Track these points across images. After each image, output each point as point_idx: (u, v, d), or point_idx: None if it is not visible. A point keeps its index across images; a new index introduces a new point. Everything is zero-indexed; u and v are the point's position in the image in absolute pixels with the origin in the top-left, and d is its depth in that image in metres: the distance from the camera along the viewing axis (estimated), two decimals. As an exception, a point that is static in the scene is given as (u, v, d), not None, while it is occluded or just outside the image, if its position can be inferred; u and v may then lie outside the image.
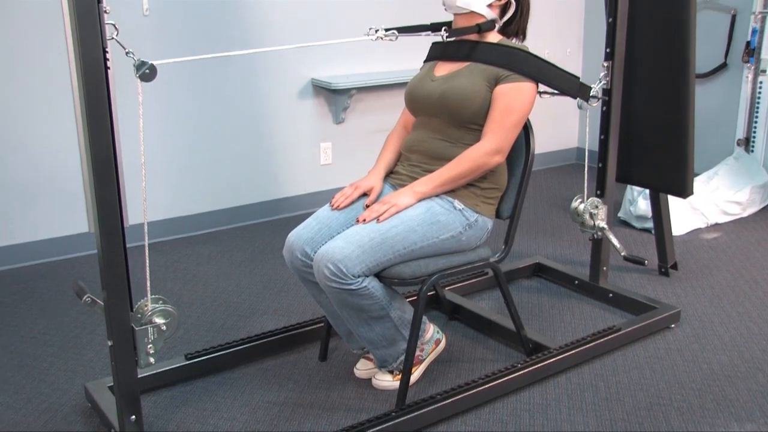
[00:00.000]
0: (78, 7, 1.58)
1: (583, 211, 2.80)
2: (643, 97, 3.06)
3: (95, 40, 1.61)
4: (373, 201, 2.31)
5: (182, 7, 3.67)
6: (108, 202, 1.71)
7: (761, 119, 4.35)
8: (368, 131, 4.36)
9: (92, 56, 1.62)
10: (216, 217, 4.02)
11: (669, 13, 2.90)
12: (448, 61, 2.39)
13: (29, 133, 3.43)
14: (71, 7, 1.59)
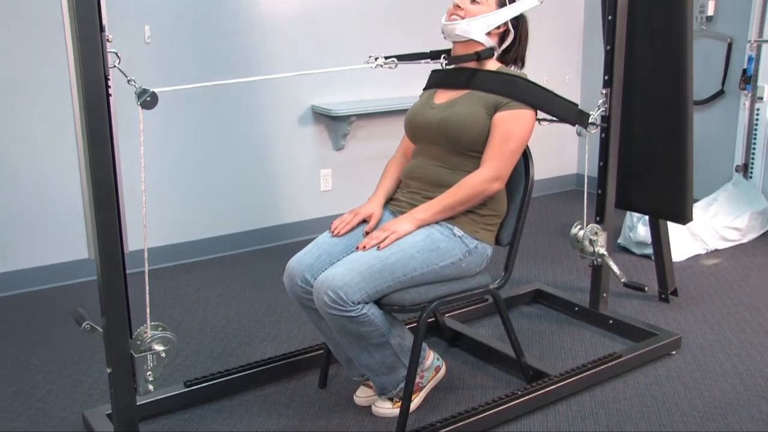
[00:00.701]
0: (81, 36, 1.60)
1: (582, 237, 2.80)
2: (642, 123, 3.08)
3: (97, 68, 1.63)
4: (373, 228, 2.31)
5: (183, 34, 3.70)
6: (108, 228, 1.71)
7: (759, 145, 4.37)
8: (368, 158, 4.37)
9: (94, 84, 1.63)
10: (216, 244, 4.02)
11: (666, 41, 2.92)
12: (447, 89, 2.41)
13: (30, 159, 3.44)
14: (74, 35, 1.61)
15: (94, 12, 1.60)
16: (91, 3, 1.60)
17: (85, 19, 1.59)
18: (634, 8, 2.86)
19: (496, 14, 2.32)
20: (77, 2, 1.58)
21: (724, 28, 4.45)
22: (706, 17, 4.47)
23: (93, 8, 1.60)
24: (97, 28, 1.61)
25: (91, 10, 1.60)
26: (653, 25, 2.94)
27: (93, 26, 1.61)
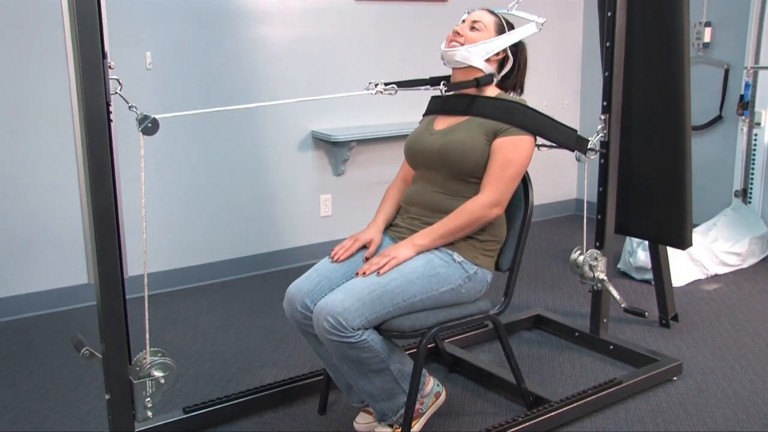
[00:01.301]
0: (84, 63, 1.61)
1: (582, 262, 2.80)
2: (641, 149, 3.09)
3: (99, 95, 1.64)
4: (373, 253, 2.31)
5: (184, 60, 3.73)
6: (108, 254, 1.71)
7: (757, 171, 4.39)
8: (368, 183, 4.38)
9: (96, 110, 1.64)
10: (216, 269, 4.02)
11: (664, 67, 2.94)
12: (447, 115, 2.42)
13: (30, 184, 3.45)
14: (77, 62, 1.62)
15: (96, 39, 1.62)
16: (94, 30, 1.61)
17: (87, 46, 1.61)
18: (632, 35, 2.89)
19: (495, 41, 2.34)
20: (80, 29, 1.60)
21: (720, 54, 4.49)
22: (703, 44, 4.50)
23: (95, 35, 1.62)
24: (99, 55, 1.63)
25: (93, 37, 1.61)
26: (651, 51, 2.96)
27: (95, 53, 1.62)
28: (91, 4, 1.61)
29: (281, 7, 3.97)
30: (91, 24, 1.61)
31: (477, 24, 2.36)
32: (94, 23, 1.61)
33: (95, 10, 1.62)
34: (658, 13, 2.89)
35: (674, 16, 2.85)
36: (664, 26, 2.90)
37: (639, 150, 3.09)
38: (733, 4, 4.38)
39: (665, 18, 2.88)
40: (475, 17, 2.38)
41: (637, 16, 2.88)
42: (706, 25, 4.48)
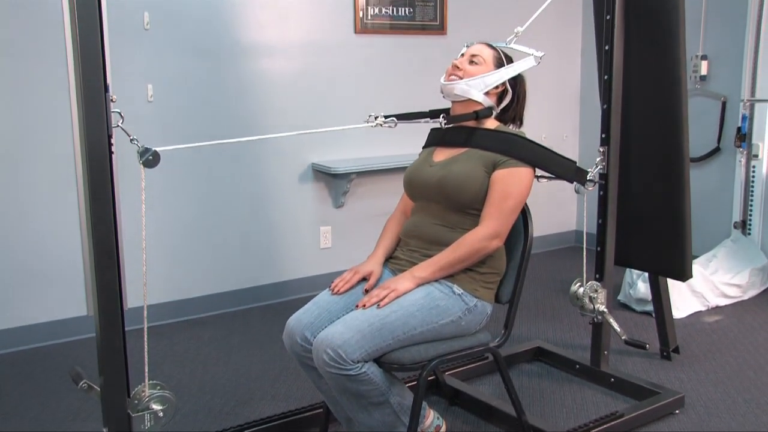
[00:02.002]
0: (86, 96, 1.62)
1: (582, 294, 2.79)
2: (640, 180, 3.10)
3: (101, 128, 1.65)
4: (373, 286, 2.31)
5: (185, 93, 3.76)
6: (108, 285, 1.71)
7: (756, 202, 4.40)
8: (368, 215, 4.39)
9: (97, 144, 1.65)
10: (215, 301, 4.01)
11: (662, 99, 2.96)
12: (446, 147, 2.43)
13: (30, 215, 3.46)
14: (79, 95, 1.64)
15: (99, 73, 1.63)
16: (97, 64, 1.63)
17: (90, 79, 1.62)
18: (630, 68, 2.91)
19: (495, 74, 2.36)
20: (83, 63, 1.61)
21: (717, 87, 4.52)
22: (700, 77, 4.54)
23: (98, 69, 1.63)
24: (101, 89, 1.64)
25: (96, 71, 1.63)
26: (649, 84, 2.99)
27: (98, 87, 1.63)
28: (94, 37, 1.62)
29: (282, 40, 4.01)
30: (94, 57, 1.63)
31: (476, 58, 2.39)
32: (97, 57, 1.63)
33: (98, 43, 1.63)
34: (655, 47, 2.92)
35: (671, 49, 2.88)
36: (661, 59, 2.92)
37: (638, 182, 3.10)
38: (729, 38, 4.43)
39: (662, 51, 2.91)
40: (474, 51, 2.41)
41: (634, 50, 2.91)
42: (703, 58, 4.52)
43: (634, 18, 2.87)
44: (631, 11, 2.86)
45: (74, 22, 1.62)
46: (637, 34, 2.91)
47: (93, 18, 1.62)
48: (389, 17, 4.36)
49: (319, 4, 4.10)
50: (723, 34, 4.46)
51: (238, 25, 3.87)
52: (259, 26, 3.93)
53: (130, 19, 3.57)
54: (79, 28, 1.61)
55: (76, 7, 1.61)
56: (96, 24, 1.63)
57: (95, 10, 1.62)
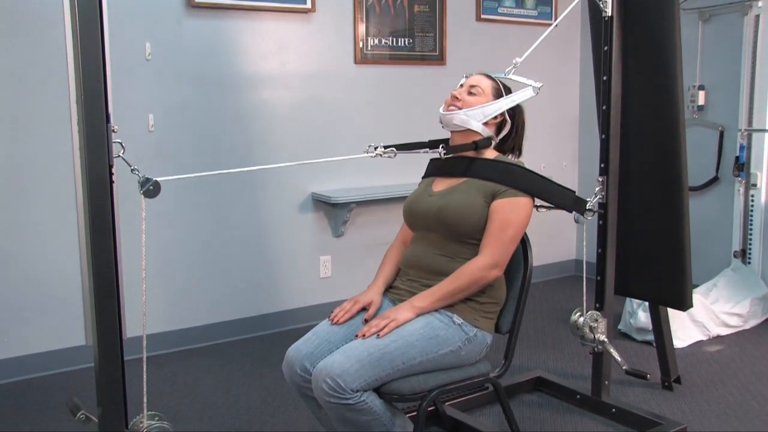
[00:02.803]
0: (87, 127, 1.64)
1: (582, 324, 2.79)
2: (639, 210, 3.11)
3: (102, 158, 1.66)
4: (372, 316, 2.30)
5: (186, 122, 3.78)
6: (108, 315, 1.71)
7: (756, 231, 4.40)
8: (367, 245, 4.39)
9: (98, 174, 1.66)
10: (215, 330, 3.99)
11: (660, 129, 2.98)
12: (445, 177, 2.44)
13: (30, 244, 3.46)
14: (81, 126, 1.65)
15: (100, 103, 1.65)
16: (98, 94, 1.64)
17: (91, 110, 1.64)
18: (628, 98, 2.94)
19: (493, 105, 2.38)
20: (85, 94, 1.63)
21: (715, 117, 4.55)
22: (697, 106, 4.57)
23: (100, 99, 1.65)
24: (103, 119, 1.66)
25: (98, 102, 1.65)
26: (647, 114, 3.01)
27: (99, 117, 1.65)
28: (96, 68, 1.64)
29: (282, 71, 4.04)
30: (96, 88, 1.64)
31: (475, 88, 2.41)
32: (99, 87, 1.65)
33: (100, 74, 1.65)
34: (653, 77, 2.95)
35: (668, 79, 2.90)
36: (659, 89, 2.95)
37: (637, 211, 3.11)
38: (725, 68, 4.46)
39: (660, 81, 2.93)
40: (472, 81, 2.43)
41: (632, 80, 2.94)
42: (700, 89, 4.56)
43: (631, 49, 2.90)
44: (628, 42, 2.89)
45: (77, 52, 1.64)
46: (635, 64, 2.93)
47: (95, 49, 1.64)
48: (389, 48, 4.40)
49: (319, 35, 4.14)
50: (719, 64, 4.50)
51: (238, 55, 3.90)
52: (259, 57, 3.96)
53: (132, 49, 3.60)
54: (81, 59, 1.63)
55: (80, 38, 1.63)
56: (98, 55, 1.65)
57: (98, 40, 1.64)
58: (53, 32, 3.36)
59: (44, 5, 3.36)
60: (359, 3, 4.24)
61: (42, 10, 3.36)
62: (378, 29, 4.34)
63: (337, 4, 4.18)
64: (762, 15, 4.25)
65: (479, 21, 4.77)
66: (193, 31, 3.76)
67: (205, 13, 3.77)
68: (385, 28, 4.36)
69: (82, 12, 1.62)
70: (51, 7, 3.35)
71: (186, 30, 3.74)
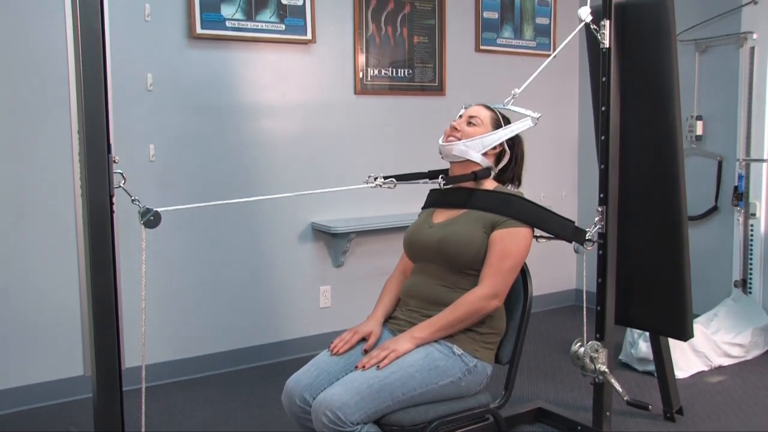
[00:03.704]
0: (89, 157, 1.65)
1: (583, 354, 2.77)
2: (639, 240, 3.11)
3: (103, 188, 1.67)
4: (372, 346, 2.30)
5: (186, 153, 3.80)
6: (107, 345, 1.71)
7: (756, 261, 4.40)
8: (367, 275, 4.38)
9: (99, 204, 1.67)
10: (213, 360, 3.97)
11: (658, 159, 3.00)
12: (445, 208, 2.45)
13: (29, 274, 3.45)
14: (83, 157, 1.66)
15: (102, 135, 1.66)
16: (100, 125, 1.66)
17: (93, 141, 1.65)
18: (627, 128, 2.95)
19: (492, 135, 2.40)
20: (87, 125, 1.64)
21: (713, 147, 4.57)
22: (696, 136, 4.60)
23: (101, 131, 1.66)
24: (104, 150, 1.67)
25: (99, 133, 1.66)
26: (646, 144, 3.02)
27: (101, 148, 1.66)
28: (98, 99, 1.66)
29: (282, 101, 4.07)
30: (98, 119, 1.66)
31: (474, 119, 2.42)
32: (101, 119, 1.66)
33: (102, 105, 1.67)
34: (651, 108, 2.97)
35: (667, 110, 2.92)
36: (657, 120, 2.97)
37: (637, 241, 3.11)
38: (723, 99, 4.49)
39: (658, 112, 2.95)
40: (472, 112, 2.45)
41: (630, 110, 2.96)
42: (698, 119, 4.58)
43: (629, 80, 2.93)
44: (626, 73, 2.91)
45: (80, 84, 1.65)
46: (633, 95, 2.95)
47: (98, 81, 1.66)
48: (389, 78, 4.43)
49: (319, 66, 4.18)
50: (716, 95, 4.54)
51: (239, 86, 3.93)
52: (260, 87, 3.99)
53: (134, 80, 3.63)
54: (84, 90, 1.64)
55: (82, 70, 1.64)
56: (101, 86, 1.66)
57: (100, 72, 1.66)
58: (56, 62, 3.39)
59: (48, 36, 3.39)
60: (359, 34, 4.28)
61: (46, 40, 3.39)
62: (378, 60, 4.37)
63: (338, 36, 4.23)
64: (757, 47, 4.29)
65: (478, 52, 4.82)
66: (194, 62, 3.79)
67: (206, 45, 3.81)
68: (385, 59, 4.40)
69: (85, 43, 1.64)
70: (55, 38, 3.38)
71: (187, 61, 3.77)
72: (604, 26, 2.83)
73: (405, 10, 4.45)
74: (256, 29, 3.92)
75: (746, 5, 4.32)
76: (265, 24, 3.94)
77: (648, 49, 2.91)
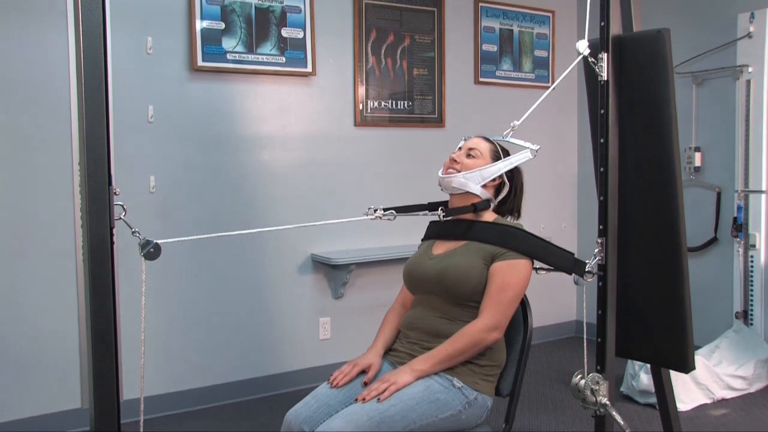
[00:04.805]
0: (90, 190, 1.64)
1: (584, 387, 2.75)
2: (639, 271, 3.10)
3: (104, 221, 1.66)
4: (372, 379, 2.28)
5: (187, 184, 3.81)
6: (105, 378, 1.69)
7: (756, 292, 4.39)
8: (367, 306, 4.37)
9: (99, 236, 1.66)
10: (212, 393, 3.94)
11: (657, 190, 3.00)
12: (445, 240, 2.45)
13: (26, 306, 3.44)
14: (83, 189, 1.66)
15: (103, 167, 1.66)
16: (101, 157, 1.66)
17: (94, 173, 1.65)
18: (625, 160, 2.96)
19: (492, 167, 2.40)
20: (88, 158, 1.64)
21: (711, 178, 4.59)
22: (694, 168, 4.62)
23: (103, 164, 1.66)
24: (105, 182, 1.66)
25: (100, 166, 1.66)
26: (644, 175, 3.03)
27: (101, 180, 1.66)
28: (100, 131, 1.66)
29: (283, 133, 4.09)
30: (99, 152, 1.66)
31: (473, 151, 2.43)
32: (102, 151, 1.66)
33: (104, 138, 1.67)
34: (649, 139, 2.98)
35: (665, 141, 2.93)
36: (655, 151, 2.97)
37: (637, 272, 3.10)
38: (720, 131, 4.52)
39: (656, 143, 2.96)
40: (471, 144, 2.46)
41: (629, 142, 2.97)
42: (696, 150, 4.61)
43: (627, 112, 2.94)
44: (624, 105, 2.93)
45: (81, 115, 1.66)
46: (631, 127, 2.96)
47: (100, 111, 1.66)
48: (388, 110, 4.46)
49: (319, 98, 4.21)
50: (714, 126, 4.57)
51: (240, 118, 3.96)
52: (260, 119, 4.02)
53: (135, 111, 3.65)
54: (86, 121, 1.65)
55: (84, 101, 1.65)
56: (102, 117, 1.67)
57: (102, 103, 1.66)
58: (58, 94, 3.42)
59: (50, 67, 3.42)
60: (359, 66, 4.32)
61: (48, 71, 3.43)
62: (378, 92, 4.41)
63: (338, 68, 4.26)
64: (753, 80, 4.33)
65: (477, 84, 4.86)
66: (195, 94, 3.82)
67: (207, 77, 3.84)
68: (385, 91, 4.44)
69: (87, 74, 1.65)
70: (57, 70, 3.42)
71: (188, 93, 3.80)
72: (602, 59, 2.84)
73: (405, 42, 4.49)
74: (257, 62, 3.96)
75: (741, 39, 4.37)
76: (265, 57, 3.98)
77: (646, 81, 2.93)
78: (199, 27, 3.77)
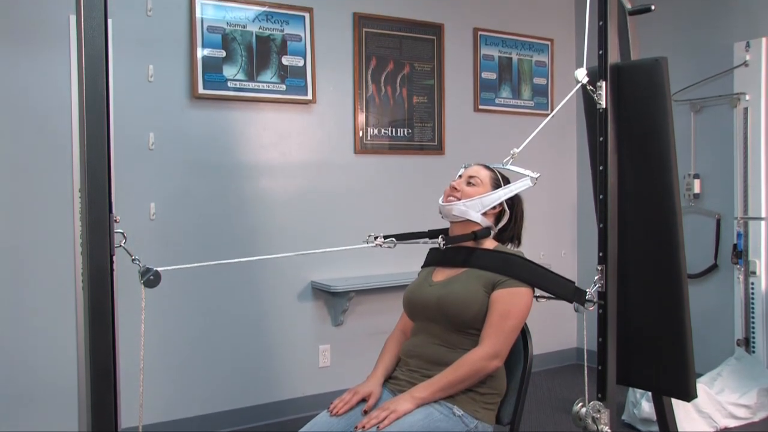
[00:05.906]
0: (90, 218, 1.65)
1: (585, 415, 2.73)
2: (639, 299, 3.09)
3: (104, 248, 1.66)
4: (372, 407, 2.27)
5: (187, 211, 3.81)
6: (103, 406, 1.68)
7: (758, 319, 4.37)
8: (367, 334, 4.35)
9: (99, 264, 1.66)
10: (212, 420, 3.91)
11: (657, 218, 3.00)
12: (445, 267, 2.45)
13: (27, 331, 3.42)
14: (84, 216, 1.66)
15: (104, 195, 1.66)
16: (102, 187, 1.66)
17: (95, 201, 1.65)
18: (624, 187, 2.97)
19: (492, 195, 2.41)
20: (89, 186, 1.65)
21: (711, 205, 4.60)
22: (694, 194, 4.63)
23: (103, 192, 1.66)
24: (106, 210, 1.67)
25: (101, 193, 1.66)
26: (644, 202, 3.03)
27: (102, 208, 1.66)
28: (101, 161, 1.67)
29: (283, 160, 4.11)
30: (100, 179, 1.66)
31: (473, 179, 2.44)
32: (103, 180, 1.67)
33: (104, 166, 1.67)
34: (648, 166, 2.98)
35: (664, 168, 2.94)
36: (655, 178, 2.98)
37: (637, 300, 3.09)
38: (719, 158, 4.54)
39: (655, 170, 2.97)
40: (471, 172, 2.47)
41: (628, 169, 2.97)
42: (695, 177, 4.62)
43: (626, 140, 2.95)
44: (623, 133, 2.94)
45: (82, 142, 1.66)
46: (630, 154, 2.98)
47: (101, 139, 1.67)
48: (388, 138, 4.48)
49: (319, 125, 4.23)
50: (713, 153, 4.58)
51: (240, 145, 3.97)
52: (261, 146, 4.03)
53: (136, 139, 3.67)
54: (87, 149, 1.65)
55: (86, 128, 1.66)
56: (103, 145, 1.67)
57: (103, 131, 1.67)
58: (59, 121, 3.44)
59: (51, 94, 3.44)
60: (359, 94, 4.35)
61: (49, 99, 3.45)
62: (378, 119, 4.43)
63: (338, 96, 4.29)
64: (750, 108, 4.35)
65: (477, 111, 4.88)
66: (195, 122, 3.84)
67: (208, 104, 3.86)
68: (385, 119, 4.46)
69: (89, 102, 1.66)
70: (58, 97, 3.44)
71: (189, 120, 3.82)
72: (601, 87, 2.86)
73: (404, 70, 4.52)
74: (258, 89, 3.98)
75: (738, 67, 4.40)
76: (266, 84, 4.00)
77: (644, 109, 2.95)
78: (200, 55, 3.80)
